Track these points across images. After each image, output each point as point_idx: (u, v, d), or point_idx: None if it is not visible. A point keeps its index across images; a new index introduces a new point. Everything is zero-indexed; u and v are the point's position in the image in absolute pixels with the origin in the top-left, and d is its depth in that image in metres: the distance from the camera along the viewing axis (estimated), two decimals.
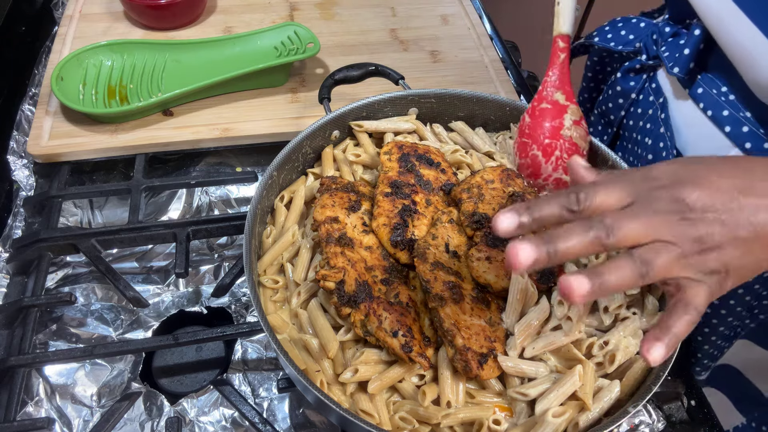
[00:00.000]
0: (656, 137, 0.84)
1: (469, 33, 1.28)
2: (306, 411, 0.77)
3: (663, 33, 0.84)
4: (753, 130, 0.72)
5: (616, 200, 0.50)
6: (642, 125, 0.88)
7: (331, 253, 0.69)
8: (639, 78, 0.89)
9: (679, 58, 0.79)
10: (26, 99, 1.08)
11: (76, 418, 0.75)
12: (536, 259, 0.49)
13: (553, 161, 0.77)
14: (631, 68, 0.90)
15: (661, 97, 0.84)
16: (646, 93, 0.88)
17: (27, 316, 0.81)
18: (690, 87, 0.79)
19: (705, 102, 0.77)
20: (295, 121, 1.06)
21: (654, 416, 0.77)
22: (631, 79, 0.90)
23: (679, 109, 0.82)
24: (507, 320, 0.67)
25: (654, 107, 0.86)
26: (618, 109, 0.93)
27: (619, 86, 0.92)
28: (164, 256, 0.93)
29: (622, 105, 0.92)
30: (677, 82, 0.82)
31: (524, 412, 0.65)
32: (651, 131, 0.85)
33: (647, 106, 0.87)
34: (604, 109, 0.96)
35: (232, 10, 1.28)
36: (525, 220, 0.52)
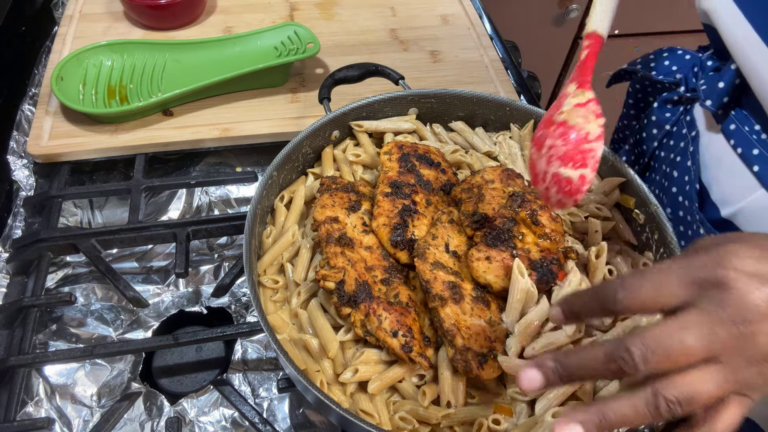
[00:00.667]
0: (683, 170, 0.81)
1: (469, 33, 1.28)
2: (306, 411, 0.77)
3: (705, 66, 0.82)
4: None
5: (694, 357, 0.43)
6: (673, 158, 0.84)
7: (331, 253, 0.69)
8: (675, 110, 0.86)
9: (713, 91, 0.75)
10: (26, 99, 1.08)
11: (76, 418, 0.75)
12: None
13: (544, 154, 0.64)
14: (669, 99, 0.86)
15: (693, 130, 0.81)
16: (680, 125, 0.85)
17: (27, 316, 0.81)
18: (723, 122, 0.76)
19: (736, 139, 0.74)
20: (295, 121, 1.06)
21: None
22: (667, 110, 0.87)
23: (710, 144, 0.79)
24: (507, 320, 0.68)
25: (686, 140, 0.82)
26: (651, 140, 0.89)
27: (655, 116, 0.88)
28: (164, 256, 0.93)
29: (655, 136, 0.89)
30: (711, 116, 0.78)
31: (524, 412, 0.65)
32: (679, 164, 0.82)
33: (680, 139, 0.84)
34: (638, 139, 0.93)
35: (232, 10, 1.28)
36: (552, 379, 0.47)
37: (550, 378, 0.47)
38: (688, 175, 0.80)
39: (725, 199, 0.75)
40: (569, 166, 0.61)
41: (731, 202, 0.74)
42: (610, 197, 0.81)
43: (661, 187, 0.87)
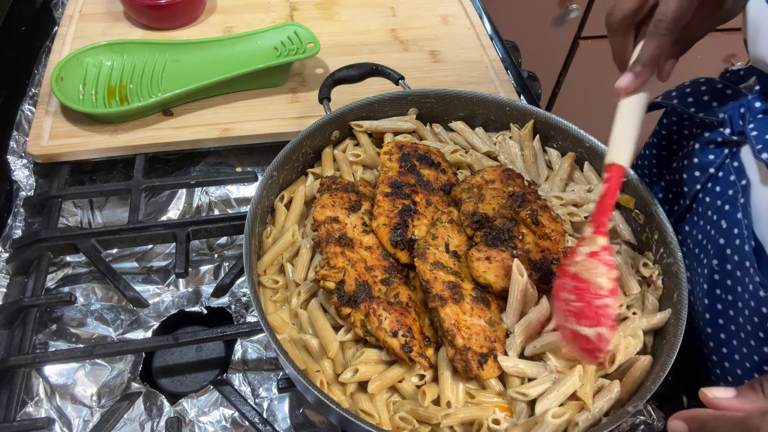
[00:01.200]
0: (732, 222, 0.74)
1: (469, 33, 1.28)
2: (306, 411, 0.77)
3: (752, 108, 0.74)
4: None
5: None
6: (720, 205, 0.77)
7: (331, 253, 0.69)
8: (719, 152, 0.79)
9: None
10: (26, 99, 1.08)
11: (76, 418, 0.75)
12: None
13: (562, 308, 0.63)
14: (712, 140, 0.79)
15: (744, 179, 0.74)
16: (726, 170, 0.78)
17: (27, 316, 0.81)
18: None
19: None
20: (295, 121, 1.06)
21: (654, 416, 0.77)
22: (710, 152, 0.80)
23: (764, 196, 0.72)
24: (507, 320, 0.68)
25: (735, 188, 0.75)
26: (693, 182, 0.83)
27: (697, 158, 0.81)
28: (164, 256, 0.93)
29: (698, 178, 0.82)
30: (764, 167, 0.72)
31: (524, 412, 0.65)
32: (728, 214, 0.75)
33: (727, 186, 0.77)
34: (677, 179, 0.87)
35: (232, 10, 1.28)
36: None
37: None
38: (738, 228, 0.73)
39: None
40: (584, 323, 0.60)
41: None
42: None
43: (705, 233, 0.81)
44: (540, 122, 0.89)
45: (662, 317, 0.70)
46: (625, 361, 0.67)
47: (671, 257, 0.72)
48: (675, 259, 0.72)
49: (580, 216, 0.80)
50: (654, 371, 0.65)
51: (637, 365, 0.67)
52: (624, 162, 0.67)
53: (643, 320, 0.70)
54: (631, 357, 0.68)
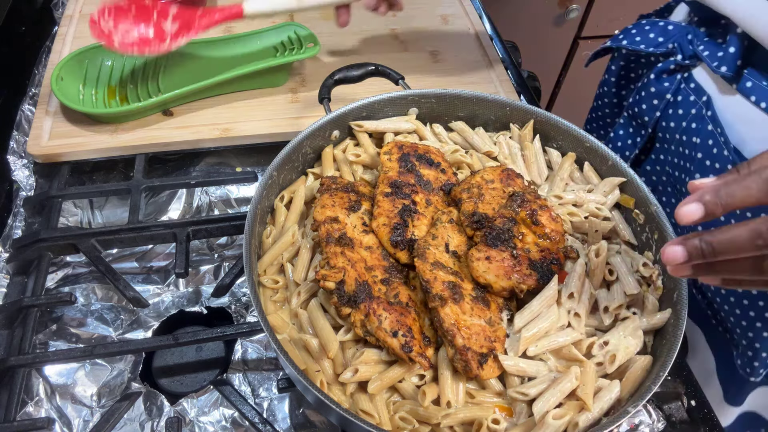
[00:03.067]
0: (705, 135, 0.83)
1: (469, 33, 1.28)
2: (306, 411, 0.77)
3: (698, 33, 0.85)
4: None
5: None
6: (685, 126, 0.86)
7: (331, 253, 0.69)
8: (673, 78, 0.89)
9: (724, 57, 0.78)
10: (26, 99, 1.08)
11: (76, 418, 0.75)
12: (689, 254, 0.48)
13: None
14: (665, 69, 0.89)
15: (704, 95, 0.84)
16: (684, 93, 0.87)
17: (27, 316, 0.80)
18: (737, 83, 0.79)
19: (757, 95, 0.77)
20: (295, 121, 1.06)
21: (654, 416, 0.77)
22: (665, 80, 0.89)
23: (727, 105, 0.81)
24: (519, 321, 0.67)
25: (697, 106, 0.85)
26: (653, 110, 0.92)
27: (653, 87, 0.90)
28: (164, 256, 0.93)
29: (657, 106, 0.91)
30: (720, 79, 0.81)
31: (524, 412, 0.65)
32: (698, 130, 0.84)
33: (689, 106, 0.86)
34: (636, 111, 0.95)
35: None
36: (695, 252, 0.49)
37: (692, 254, 0.48)
38: (713, 138, 0.81)
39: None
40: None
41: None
42: (610, 197, 0.81)
43: (679, 155, 0.88)
44: (540, 122, 0.89)
45: (662, 317, 0.70)
46: (625, 361, 0.67)
47: None
48: None
49: (580, 216, 0.80)
50: (654, 371, 0.65)
51: (637, 365, 0.67)
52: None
53: (643, 320, 0.70)
54: (631, 357, 0.68)
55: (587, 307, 0.69)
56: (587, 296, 0.70)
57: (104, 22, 0.96)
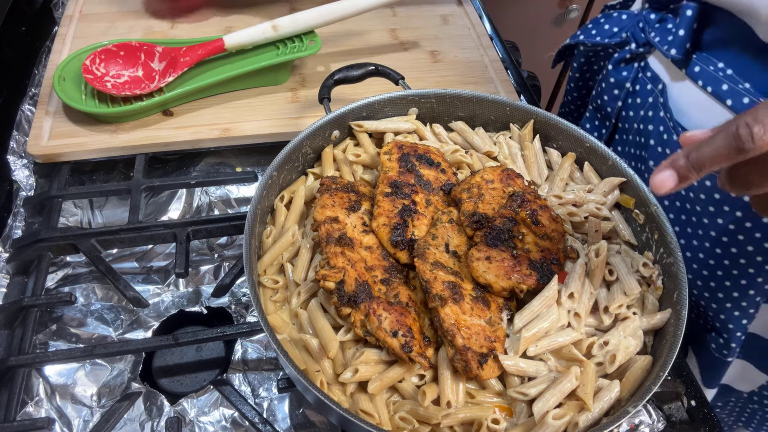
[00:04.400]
0: (657, 122, 0.85)
1: (469, 33, 1.28)
2: (306, 411, 0.77)
3: (649, 20, 0.87)
4: (753, 100, 0.73)
5: None
6: (643, 114, 0.89)
7: (331, 253, 0.69)
8: (630, 67, 0.91)
9: (673, 40, 0.80)
10: (26, 99, 1.08)
11: (76, 418, 0.75)
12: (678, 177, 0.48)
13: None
14: (621, 59, 0.92)
15: (659, 83, 0.86)
16: (642, 83, 0.90)
17: (27, 316, 0.80)
18: (686, 67, 0.81)
19: (703, 79, 0.78)
20: (295, 121, 1.06)
21: (654, 416, 0.77)
22: (622, 69, 0.92)
23: (680, 91, 0.83)
24: (519, 321, 0.67)
25: (653, 94, 0.87)
26: (614, 101, 0.95)
27: (612, 78, 0.93)
28: (164, 256, 0.93)
29: (618, 96, 0.94)
30: (672, 65, 0.83)
31: (524, 412, 0.65)
32: (653, 118, 0.87)
33: (646, 95, 0.89)
34: (600, 103, 0.98)
35: (232, 10, 1.28)
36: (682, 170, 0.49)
37: (682, 173, 0.48)
38: (663, 124, 0.84)
39: None
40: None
41: None
42: (610, 197, 0.81)
43: (637, 145, 0.92)
44: (540, 122, 0.89)
45: (662, 317, 0.70)
46: (625, 361, 0.67)
47: (671, 257, 0.72)
48: (675, 259, 0.72)
49: (579, 216, 0.80)
50: (654, 371, 0.65)
51: (637, 365, 0.67)
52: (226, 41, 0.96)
53: (643, 320, 0.70)
54: (631, 357, 0.68)
55: (587, 307, 0.69)
56: (587, 296, 0.70)
57: (96, 68, 1.02)
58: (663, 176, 0.49)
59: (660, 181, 0.49)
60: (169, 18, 1.24)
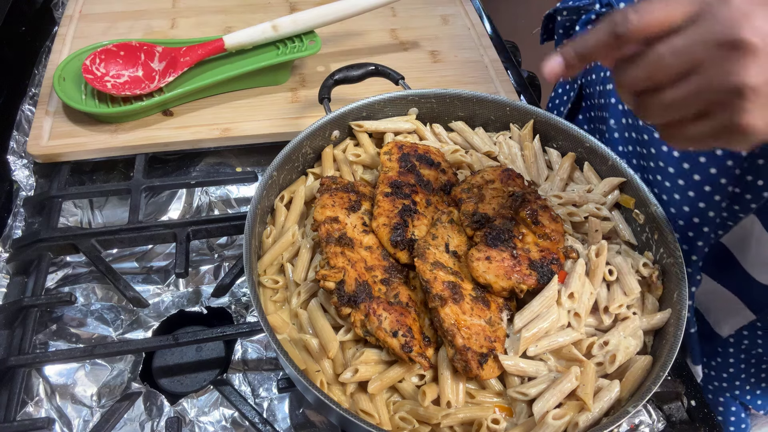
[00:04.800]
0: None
1: (469, 33, 1.28)
2: (306, 411, 0.77)
3: None
4: None
5: (679, 16, 0.46)
6: (603, 75, 0.92)
7: (331, 253, 0.69)
8: None
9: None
10: (26, 99, 1.08)
11: (76, 418, 0.75)
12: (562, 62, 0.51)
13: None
14: (587, 21, 0.95)
15: None
16: None
17: (27, 316, 0.80)
18: None
19: None
20: (295, 121, 1.06)
21: (654, 416, 0.77)
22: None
23: None
24: (519, 321, 0.67)
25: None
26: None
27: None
28: (164, 256, 0.93)
29: None
30: None
31: (524, 412, 0.65)
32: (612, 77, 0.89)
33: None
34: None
35: (232, 10, 1.28)
36: (569, 57, 0.51)
37: (568, 60, 0.51)
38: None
39: None
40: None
41: None
42: (610, 197, 0.81)
43: (600, 107, 0.94)
44: (540, 122, 0.89)
45: (662, 317, 0.70)
46: (625, 361, 0.67)
47: (671, 257, 0.72)
48: (675, 259, 0.72)
49: (579, 216, 0.80)
50: (654, 371, 0.65)
51: (637, 365, 0.67)
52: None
53: (643, 320, 0.70)
54: (631, 357, 0.68)
55: (587, 307, 0.69)
56: (587, 296, 0.70)
57: (96, 68, 1.02)
58: (552, 63, 0.52)
59: (549, 67, 0.52)
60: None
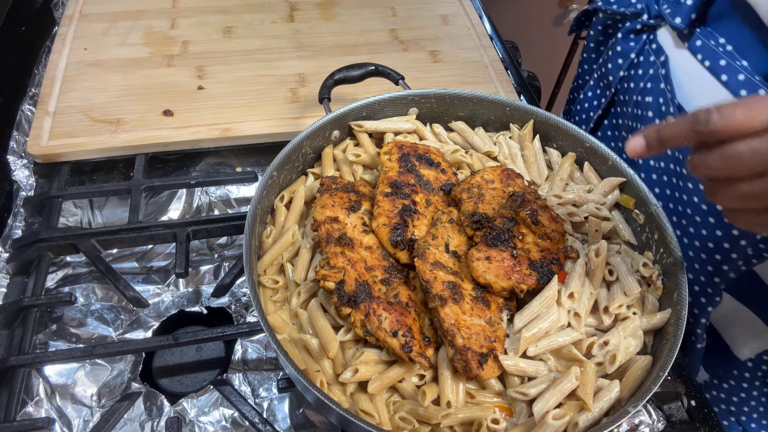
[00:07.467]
0: (657, 94, 0.86)
1: (469, 33, 1.28)
2: (306, 411, 0.77)
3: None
4: (749, 78, 0.74)
5: (759, 123, 0.48)
6: (643, 86, 0.90)
7: (331, 253, 0.69)
8: (639, 39, 0.92)
9: (680, 9, 0.82)
10: (26, 99, 1.08)
11: (76, 418, 0.75)
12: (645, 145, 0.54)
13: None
14: (632, 29, 0.93)
15: (662, 55, 0.87)
16: (646, 54, 0.90)
17: (27, 316, 0.80)
18: (689, 40, 0.81)
19: (703, 53, 0.79)
20: (295, 121, 1.06)
21: (654, 416, 0.77)
22: (631, 39, 0.92)
23: (680, 64, 0.84)
24: (519, 322, 0.67)
25: (655, 66, 0.87)
26: (617, 69, 0.95)
27: (620, 47, 0.94)
28: (164, 256, 0.93)
29: (621, 65, 0.94)
30: (677, 37, 0.84)
31: (524, 412, 0.65)
32: (652, 90, 0.87)
33: (648, 67, 0.89)
34: (603, 71, 0.98)
35: (232, 10, 1.28)
36: (651, 140, 0.54)
37: (651, 144, 0.55)
38: (663, 97, 0.84)
39: None
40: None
41: None
42: (610, 197, 0.81)
43: (634, 117, 0.92)
44: (540, 122, 0.89)
45: (662, 317, 0.70)
46: (625, 361, 0.67)
47: (671, 257, 0.72)
48: (675, 259, 0.72)
49: (579, 216, 0.80)
50: (654, 371, 0.65)
51: (637, 365, 0.67)
52: None
53: (643, 320, 0.70)
54: (631, 357, 0.68)
55: (587, 307, 0.69)
56: (587, 296, 0.70)
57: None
58: (635, 143, 0.56)
59: (632, 147, 0.56)
60: None
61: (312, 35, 1.24)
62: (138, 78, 1.11)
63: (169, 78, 1.12)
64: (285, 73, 1.15)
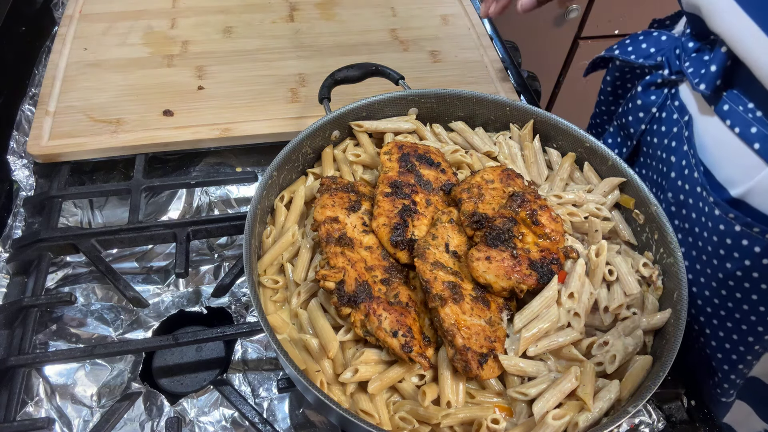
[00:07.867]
0: (680, 155, 0.82)
1: (469, 33, 1.28)
2: (306, 411, 0.77)
3: (686, 48, 0.82)
4: None
5: None
6: (666, 143, 0.86)
7: (331, 253, 0.69)
8: (660, 92, 0.88)
9: (705, 74, 0.76)
10: (26, 99, 1.08)
11: (76, 418, 0.75)
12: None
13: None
14: (652, 82, 0.88)
15: (686, 115, 0.83)
16: (669, 110, 0.86)
17: (27, 316, 0.80)
18: (716, 104, 0.77)
19: (732, 119, 0.74)
20: (295, 121, 1.06)
21: (654, 416, 0.77)
22: (651, 93, 0.89)
23: (706, 127, 0.79)
24: (519, 322, 0.67)
25: (678, 125, 0.84)
26: (638, 123, 0.91)
27: (640, 100, 0.90)
28: (164, 256, 0.93)
29: (642, 119, 0.91)
30: (702, 99, 0.80)
31: (524, 412, 0.65)
32: (675, 149, 0.84)
33: (671, 124, 0.85)
34: (624, 122, 0.95)
35: (232, 10, 1.28)
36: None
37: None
38: (686, 159, 0.81)
39: (732, 179, 0.75)
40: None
41: (739, 183, 0.74)
42: (610, 197, 0.81)
43: (658, 172, 0.89)
44: (540, 122, 0.89)
45: (662, 317, 0.70)
46: (624, 361, 0.67)
47: (671, 257, 0.72)
48: (675, 259, 0.72)
49: (579, 216, 0.80)
50: (654, 371, 0.65)
51: (637, 365, 0.67)
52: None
53: (643, 320, 0.70)
54: (631, 357, 0.68)
55: (587, 307, 0.69)
56: (587, 296, 0.70)
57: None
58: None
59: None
60: None
61: (312, 35, 1.24)
62: (138, 78, 1.11)
63: (169, 78, 1.12)
64: (285, 73, 1.15)
